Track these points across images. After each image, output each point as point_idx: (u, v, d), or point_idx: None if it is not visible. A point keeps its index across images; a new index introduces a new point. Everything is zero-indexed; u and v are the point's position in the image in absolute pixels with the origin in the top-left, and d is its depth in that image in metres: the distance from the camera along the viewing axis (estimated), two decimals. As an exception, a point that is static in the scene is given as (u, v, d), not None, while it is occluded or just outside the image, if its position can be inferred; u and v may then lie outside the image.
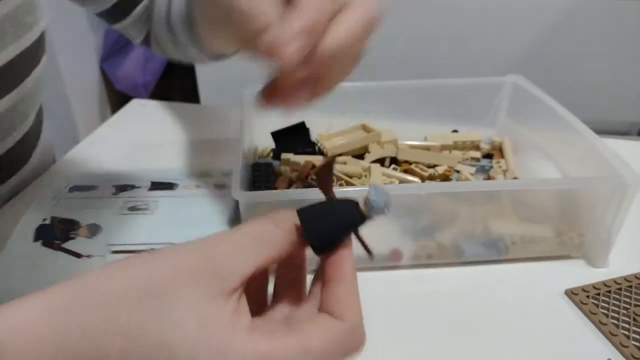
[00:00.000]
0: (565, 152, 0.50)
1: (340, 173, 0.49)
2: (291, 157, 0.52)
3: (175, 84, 1.67)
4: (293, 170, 0.52)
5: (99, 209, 0.43)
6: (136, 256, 0.24)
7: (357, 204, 0.27)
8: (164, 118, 0.69)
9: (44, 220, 0.41)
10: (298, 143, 0.54)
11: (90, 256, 0.38)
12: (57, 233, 0.40)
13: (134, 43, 0.57)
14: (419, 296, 0.41)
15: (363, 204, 0.27)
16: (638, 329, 0.37)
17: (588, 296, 0.40)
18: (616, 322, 0.38)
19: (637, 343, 0.36)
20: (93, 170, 0.54)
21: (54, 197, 0.44)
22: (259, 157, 0.56)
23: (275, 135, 0.56)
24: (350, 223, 0.28)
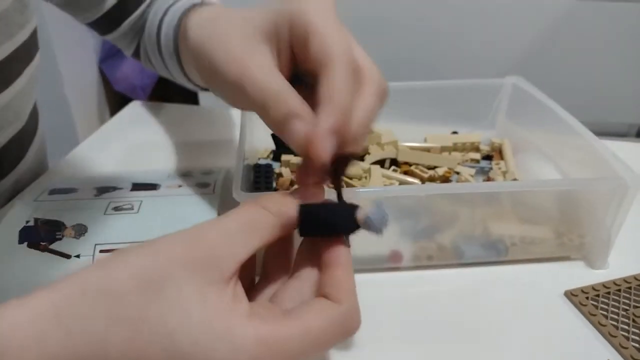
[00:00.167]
0: (564, 154, 0.50)
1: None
2: (291, 159, 0.52)
3: (174, 86, 1.66)
4: (293, 171, 0.52)
5: (83, 210, 0.42)
6: (131, 248, 0.25)
7: (355, 214, 0.28)
8: (163, 120, 0.69)
9: (27, 222, 0.41)
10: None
11: (79, 256, 0.38)
12: (43, 234, 0.40)
13: (126, 55, 0.58)
14: (419, 297, 0.41)
15: (362, 219, 0.28)
16: (637, 330, 0.38)
17: (587, 297, 0.40)
18: (615, 324, 0.38)
19: (637, 344, 0.36)
20: (79, 173, 0.54)
21: (35, 200, 0.44)
22: (259, 159, 0.56)
23: (275, 137, 0.55)
24: (344, 230, 0.29)
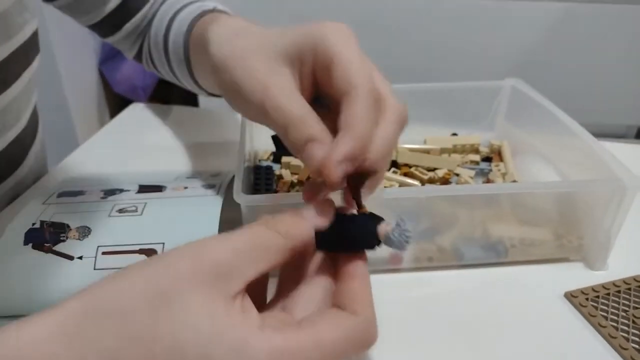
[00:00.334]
0: (563, 155, 0.50)
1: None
2: (292, 161, 0.53)
3: (174, 87, 1.66)
4: (294, 173, 0.52)
5: (88, 212, 0.43)
6: (138, 264, 0.24)
7: (376, 230, 0.27)
8: (163, 122, 0.69)
9: (33, 224, 0.41)
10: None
11: (81, 257, 0.39)
12: (47, 236, 0.40)
13: (127, 57, 0.58)
14: (419, 299, 0.41)
15: (383, 234, 0.27)
16: (637, 332, 0.38)
17: (587, 299, 0.40)
18: (615, 325, 0.38)
19: (637, 345, 0.37)
20: (85, 175, 0.54)
21: (43, 203, 0.44)
22: (259, 161, 0.56)
23: (275, 138, 0.56)
24: (364, 246, 0.28)
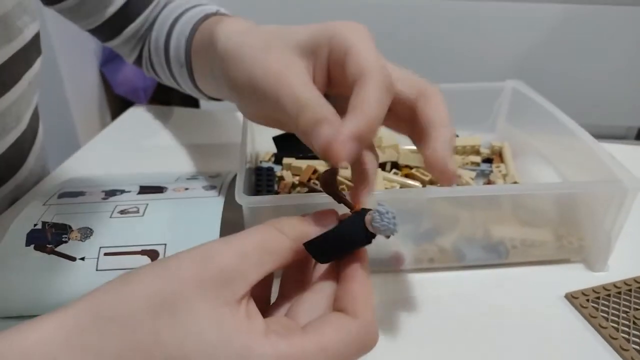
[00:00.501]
0: (564, 157, 0.50)
1: (341, 177, 0.50)
2: (293, 162, 0.53)
3: (174, 89, 1.67)
4: (295, 174, 0.52)
5: (90, 213, 0.43)
6: (142, 268, 0.24)
7: (364, 224, 0.27)
8: (164, 123, 0.69)
9: (35, 225, 0.41)
10: (300, 148, 0.55)
11: (84, 259, 0.39)
12: (49, 237, 0.40)
13: (127, 62, 0.58)
14: (420, 300, 0.41)
15: (370, 226, 0.27)
16: (638, 333, 0.38)
17: (588, 300, 0.40)
18: (616, 326, 0.38)
19: (637, 346, 0.37)
20: (86, 176, 0.54)
21: (44, 204, 0.45)
22: (261, 162, 0.56)
23: (276, 140, 0.56)
24: (358, 244, 0.28)
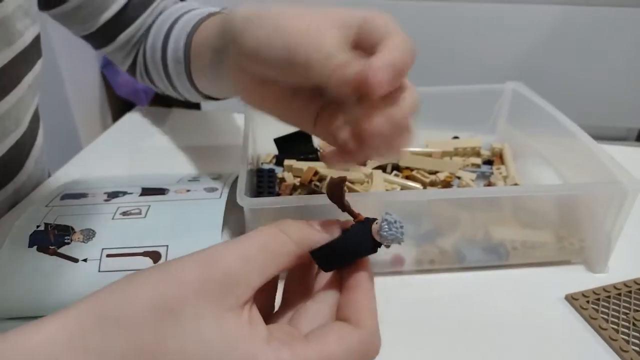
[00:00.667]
0: (564, 158, 0.50)
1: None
2: (294, 164, 0.53)
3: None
4: (296, 176, 0.52)
5: (92, 215, 0.43)
6: (145, 271, 0.24)
7: (370, 234, 0.27)
8: (165, 125, 0.69)
9: (38, 227, 0.41)
10: (301, 150, 0.55)
11: (86, 260, 0.39)
12: (52, 239, 0.40)
13: (121, 69, 0.58)
14: (421, 301, 0.41)
15: (377, 235, 0.27)
16: (637, 334, 0.38)
17: (588, 301, 0.41)
18: (616, 327, 0.38)
19: (637, 348, 0.37)
20: (88, 178, 0.55)
21: (46, 205, 0.45)
22: (262, 164, 0.56)
23: (278, 141, 0.56)
24: (363, 253, 0.28)
